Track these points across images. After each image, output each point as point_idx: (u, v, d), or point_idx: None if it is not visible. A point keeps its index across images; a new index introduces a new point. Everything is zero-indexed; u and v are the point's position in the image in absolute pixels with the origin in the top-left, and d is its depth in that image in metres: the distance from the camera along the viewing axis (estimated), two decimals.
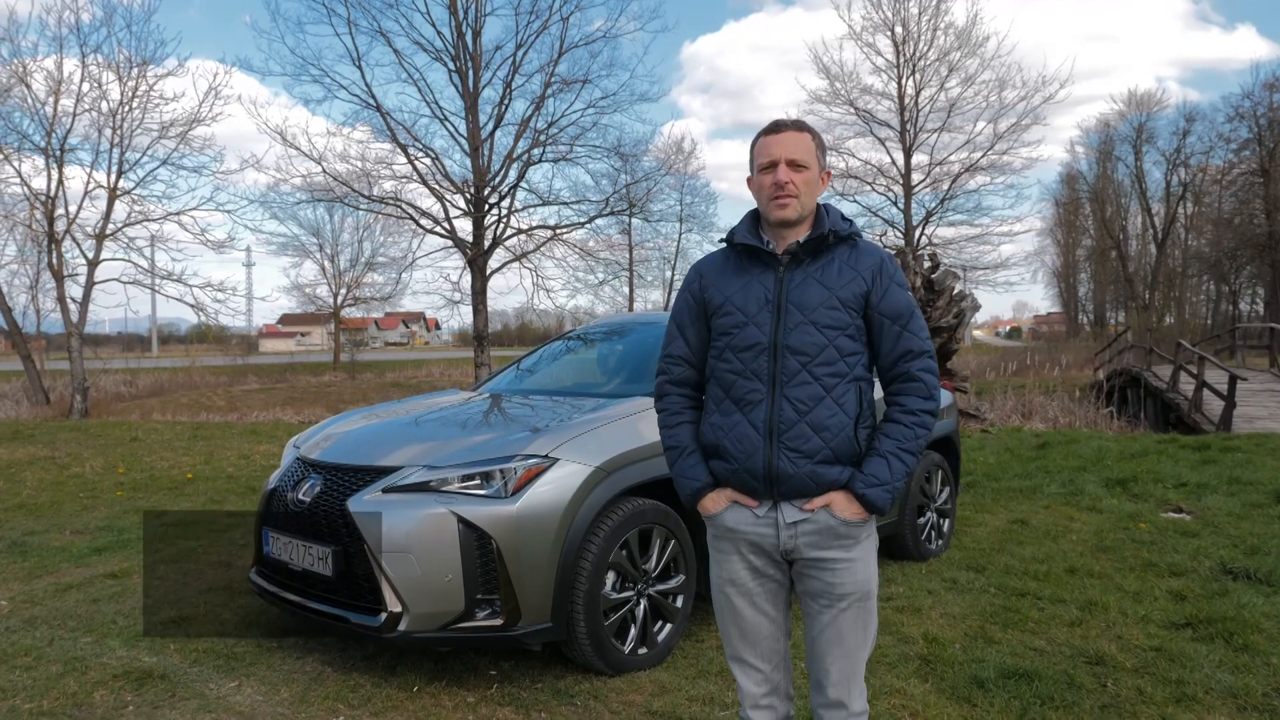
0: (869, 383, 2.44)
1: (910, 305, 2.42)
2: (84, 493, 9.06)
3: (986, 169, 30.27)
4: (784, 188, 2.37)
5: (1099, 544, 6.21)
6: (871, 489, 2.34)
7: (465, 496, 3.68)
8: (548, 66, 22.04)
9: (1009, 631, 4.44)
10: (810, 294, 2.37)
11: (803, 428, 2.32)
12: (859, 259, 2.43)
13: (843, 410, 2.34)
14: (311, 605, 3.89)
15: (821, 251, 2.42)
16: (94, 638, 4.48)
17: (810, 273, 2.40)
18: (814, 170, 2.42)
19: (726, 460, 2.43)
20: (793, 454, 2.33)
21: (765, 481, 2.37)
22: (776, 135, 2.41)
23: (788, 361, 2.34)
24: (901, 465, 2.36)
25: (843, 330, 2.36)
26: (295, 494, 4.05)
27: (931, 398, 2.39)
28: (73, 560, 6.11)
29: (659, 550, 4.10)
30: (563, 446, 3.85)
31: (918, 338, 2.41)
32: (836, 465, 2.35)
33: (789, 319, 2.36)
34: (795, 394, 2.33)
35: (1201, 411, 15.88)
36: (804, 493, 2.36)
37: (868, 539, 2.45)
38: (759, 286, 2.42)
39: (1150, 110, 53.81)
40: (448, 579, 3.57)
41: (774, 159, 2.39)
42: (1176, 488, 8.09)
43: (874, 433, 2.42)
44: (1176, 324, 50.12)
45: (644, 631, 4.03)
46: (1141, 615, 4.63)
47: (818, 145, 2.44)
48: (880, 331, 2.41)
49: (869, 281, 2.39)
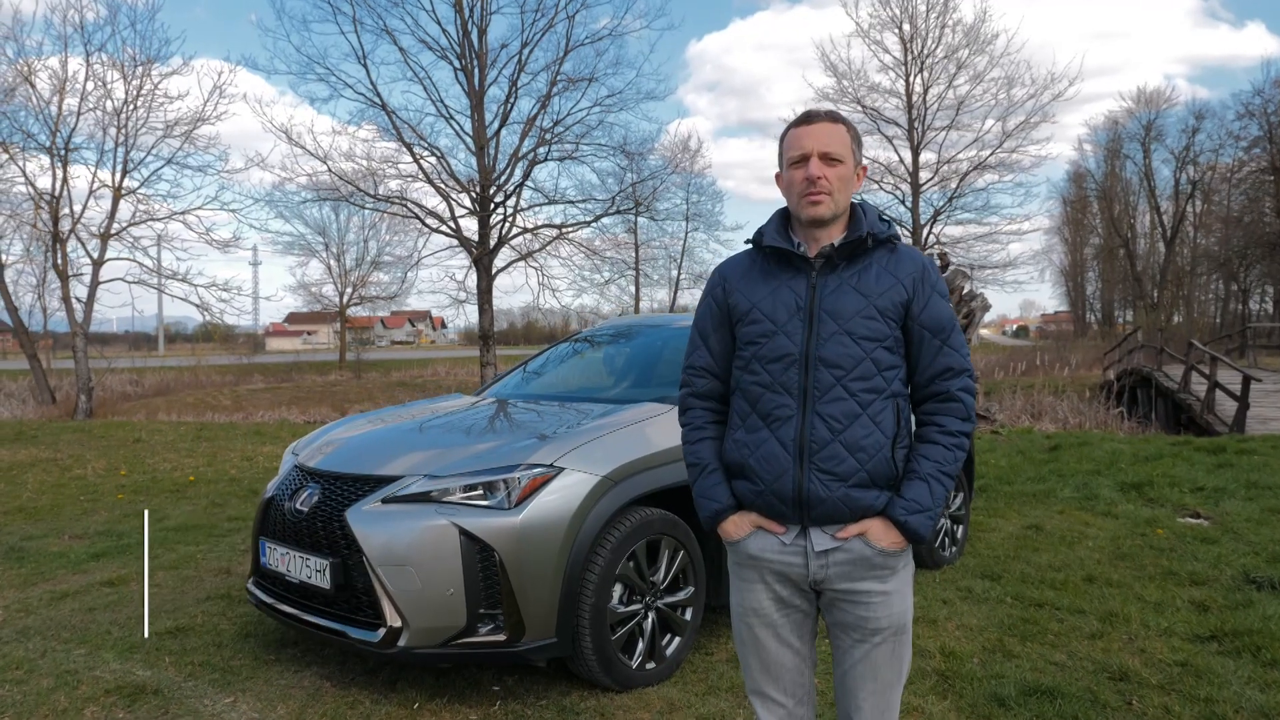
0: (906, 399, 2.25)
1: (952, 318, 2.23)
2: (85, 495, 8.96)
3: (995, 167, 30.13)
4: (816, 183, 2.16)
5: (1116, 551, 6.07)
6: (913, 516, 2.14)
7: (467, 507, 3.55)
8: (553, 64, 21.97)
9: (1028, 644, 4.30)
10: (846, 302, 2.17)
11: (836, 447, 2.13)
12: (899, 264, 2.22)
13: (879, 429, 2.15)
14: (308, 619, 3.76)
15: (858, 255, 2.22)
16: (88, 649, 4.37)
17: (846, 278, 2.20)
18: (849, 165, 2.21)
19: (752, 481, 2.23)
20: (825, 476, 2.13)
21: (794, 505, 2.17)
22: (808, 127, 2.20)
23: (821, 375, 2.15)
24: (942, 490, 2.17)
25: (880, 342, 2.16)
26: (293, 503, 3.93)
27: (970, 419, 2.22)
28: (70, 567, 6.00)
29: (667, 561, 3.97)
30: (568, 455, 3.72)
31: (958, 354, 2.22)
32: (873, 489, 2.16)
33: (822, 328, 2.16)
34: (828, 410, 2.14)
35: (1214, 412, 15.71)
36: (836, 518, 2.17)
37: (905, 569, 2.26)
38: (789, 292, 2.22)
39: (1159, 108, 53.59)
40: (449, 593, 3.45)
41: (805, 152, 2.18)
42: (1193, 492, 7.95)
43: (910, 453, 2.22)
44: (1185, 323, 49.83)
45: (652, 645, 3.91)
46: (1164, 627, 4.50)
47: (853, 137, 2.24)
48: (919, 345, 2.21)
49: (910, 290, 2.19)
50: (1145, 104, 53.98)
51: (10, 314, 23.48)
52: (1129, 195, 58.43)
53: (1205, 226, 53.86)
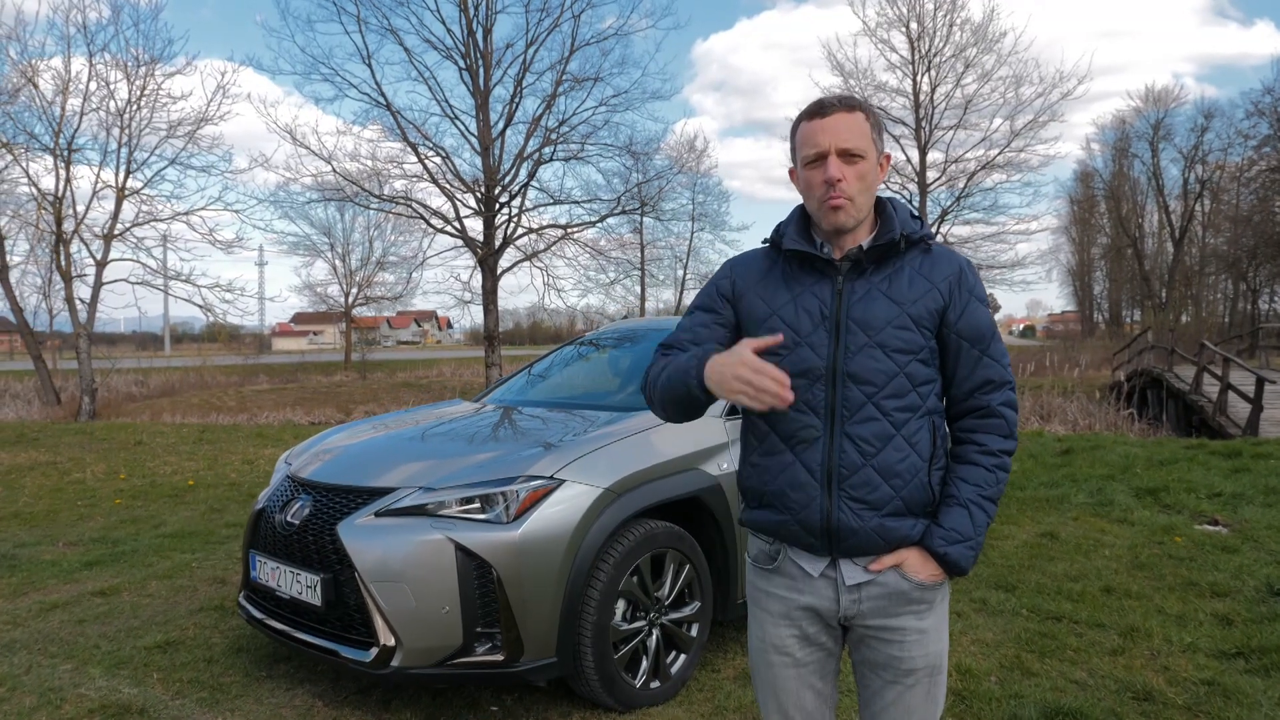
0: (942, 416, 2.04)
1: (992, 326, 2.01)
2: (82, 500, 8.84)
3: (1003, 166, 29.85)
4: (836, 187, 1.92)
5: (1134, 560, 5.90)
6: (954, 546, 1.95)
7: (464, 521, 3.41)
8: (559, 64, 21.83)
9: (1047, 661, 4.15)
10: (876, 310, 1.95)
11: (868, 473, 1.93)
12: (934, 267, 2.00)
13: (915, 451, 1.95)
14: (299, 636, 3.62)
15: (889, 258, 2.00)
16: (74, 665, 4.24)
17: (875, 284, 1.98)
18: (871, 158, 1.96)
19: (775, 509, 2.02)
20: (857, 504, 1.93)
21: (823, 536, 1.97)
22: (822, 120, 1.94)
23: (850, 392, 1.94)
24: (984, 516, 1.97)
25: (915, 354, 1.95)
26: (283, 516, 3.79)
27: (1012, 436, 2.00)
28: (62, 576, 5.87)
29: (673, 576, 3.82)
30: (569, 466, 3.57)
31: (999, 364, 2.00)
32: (909, 517, 1.96)
33: (850, 340, 1.95)
34: (859, 432, 1.93)
35: (1226, 414, 15.50)
36: (869, 550, 1.97)
37: (942, 603, 2.06)
38: (812, 299, 1.99)
39: (1168, 107, 53.32)
40: (445, 611, 3.30)
41: (821, 150, 1.93)
42: (1210, 498, 7.77)
43: (946, 475, 2.02)
44: (1193, 323, 49.54)
45: (656, 663, 3.76)
46: (1188, 643, 4.33)
47: (873, 124, 1.98)
48: (956, 356, 2.00)
49: (946, 295, 1.98)
50: (1153, 103, 53.75)
51: (15, 314, 23.40)
52: (1137, 195, 58.16)
53: (1214, 226, 53.58)
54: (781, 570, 2.07)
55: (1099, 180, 60.06)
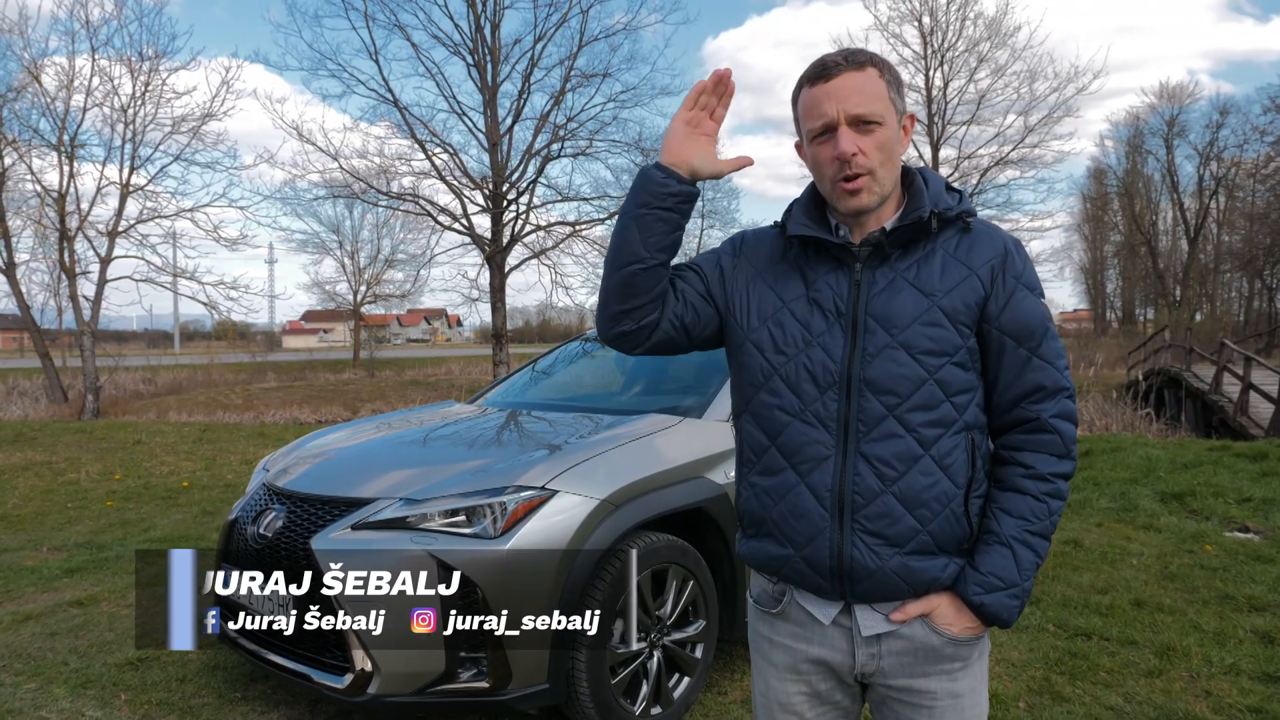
0: (983, 431, 1.68)
1: (1043, 319, 1.65)
2: (73, 502, 8.61)
3: (1016, 163, 29.55)
4: (851, 163, 1.58)
5: (1164, 570, 5.60)
6: (992, 595, 1.61)
7: (447, 535, 3.14)
8: (567, 60, 21.61)
9: (1079, 684, 3.86)
10: (901, 303, 1.61)
11: (888, 501, 1.59)
12: (972, 249, 1.65)
13: (947, 475, 1.61)
14: (270, 658, 3.36)
15: (918, 241, 1.66)
16: (39, 683, 3.98)
17: (900, 271, 1.64)
18: (891, 123, 1.61)
19: (776, 542, 1.70)
20: (874, 540, 1.60)
21: (833, 577, 1.64)
22: (827, 84, 1.60)
23: (868, 403, 1.60)
24: (1032, 557, 1.62)
25: (949, 357, 1.61)
26: (256, 527, 3.53)
27: (1068, 456, 1.65)
28: (41, 584, 5.62)
29: (675, 593, 3.54)
30: (563, 476, 3.29)
31: (1053, 367, 1.64)
32: (939, 556, 1.63)
33: (869, 340, 1.62)
34: (878, 451, 1.60)
35: (1248, 415, 15.15)
36: (890, 595, 1.64)
37: (980, 660, 1.72)
38: (826, 290, 1.67)
39: (1182, 103, 52.70)
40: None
41: (829, 120, 1.59)
42: (1239, 503, 7.45)
43: (985, 505, 1.68)
44: (1208, 321, 49.05)
45: (658, 688, 3.48)
46: (1229, 664, 4.04)
47: (889, 81, 1.63)
48: (999, 356, 1.64)
49: (987, 283, 1.62)
50: (1168, 99, 53.15)
51: (22, 311, 23.24)
52: (1151, 191, 57.57)
53: (1229, 223, 53.09)
54: (787, 615, 1.75)
55: (1112, 177, 59.48)
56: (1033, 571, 1.63)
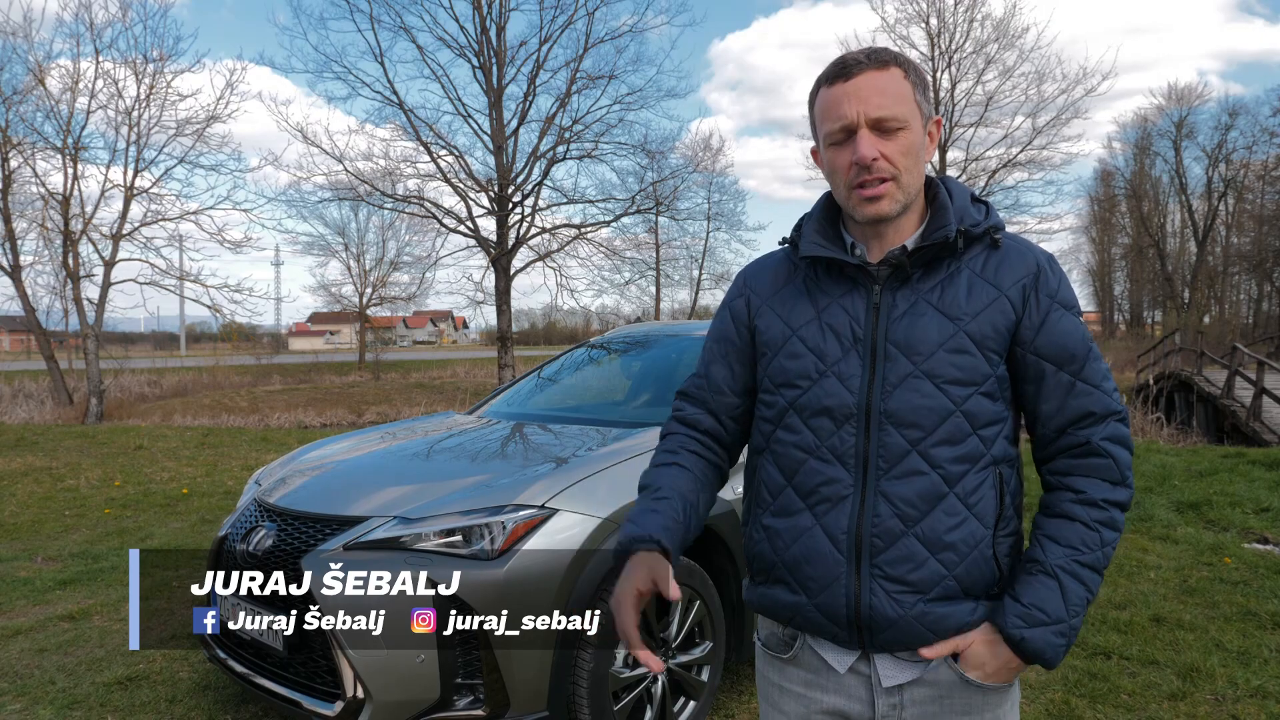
0: (1013, 465, 1.55)
1: (1084, 340, 1.52)
2: (71, 509, 8.49)
3: (1025, 165, 29.40)
4: (872, 168, 1.46)
5: (1183, 584, 5.45)
6: (1035, 630, 1.45)
7: (443, 556, 3.00)
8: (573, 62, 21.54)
9: (1099, 708, 3.72)
10: (924, 329, 1.49)
11: (911, 544, 1.47)
12: (1001, 268, 1.52)
13: (974, 515, 1.48)
14: (260, 682, 3.23)
15: (942, 260, 1.54)
16: (24, 703, 3.86)
17: (923, 294, 1.51)
18: (916, 127, 1.49)
19: (788, 588, 1.56)
20: (894, 586, 1.47)
21: (849, 627, 1.51)
22: (846, 83, 1.48)
23: (890, 437, 1.48)
24: (1082, 591, 1.47)
25: (977, 386, 1.49)
26: (245, 546, 3.40)
27: (1124, 484, 1.51)
28: (33, 596, 5.51)
29: (681, 614, 3.41)
30: (563, 494, 3.16)
31: (1100, 390, 1.51)
32: (964, 600, 1.49)
33: (891, 370, 1.49)
34: (899, 491, 1.47)
35: (1261, 420, 14.97)
36: (914, 644, 1.50)
37: (1012, 710, 1.58)
38: (841, 314, 1.55)
39: (1191, 104, 52.42)
40: (419, 660, 2.90)
41: (848, 123, 1.47)
42: (1257, 513, 7.29)
43: (1020, 543, 1.56)
44: (1217, 324, 48.76)
45: (663, 713, 3.35)
46: (1255, 686, 3.89)
47: (914, 82, 1.50)
48: (1039, 383, 1.52)
49: (1019, 305, 1.50)
50: (1176, 100, 52.89)
51: (27, 314, 23.19)
52: (1159, 194, 57.29)
53: (1238, 225, 52.79)
54: (799, 661, 1.61)
55: (1120, 179, 59.20)
56: (1082, 608, 1.48)
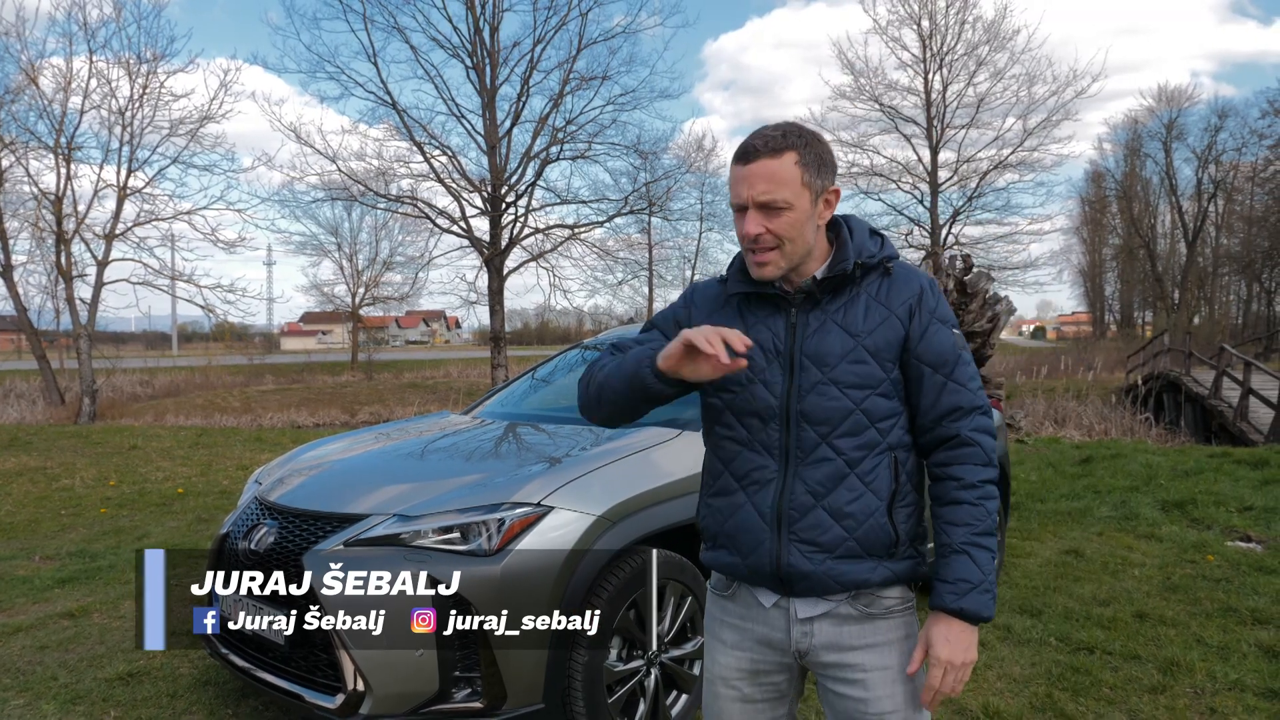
0: (908, 449, 1.90)
1: (956, 347, 1.87)
2: (67, 509, 8.55)
3: (1016, 166, 29.58)
4: (758, 240, 1.80)
5: (1166, 581, 5.56)
6: (967, 598, 1.79)
7: (441, 553, 3.08)
8: (566, 62, 21.63)
9: (1081, 701, 3.81)
10: (829, 343, 1.84)
11: (819, 514, 1.83)
12: (892, 292, 1.87)
13: (870, 490, 1.83)
14: (261, 675, 3.30)
15: (845, 286, 1.88)
16: (27, 699, 3.93)
17: (830, 314, 1.86)
18: (800, 207, 1.79)
19: (728, 551, 1.95)
20: (806, 547, 1.84)
21: (774, 580, 1.88)
22: (745, 167, 1.79)
23: (804, 433, 1.83)
24: (987, 554, 1.82)
25: (873, 389, 1.83)
26: (247, 543, 3.47)
27: (991, 464, 1.86)
28: (32, 594, 5.57)
29: (673, 609, 3.49)
30: (559, 492, 3.24)
31: (966, 389, 1.86)
32: (865, 559, 1.84)
33: (804, 377, 1.84)
34: (811, 474, 1.83)
35: (1248, 420, 15.11)
36: (823, 593, 1.87)
37: (906, 640, 1.91)
38: (766, 331, 1.89)
39: (1181, 106, 52.57)
40: (419, 654, 2.98)
41: (741, 202, 1.81)
42: (1240, 512, 7.41)
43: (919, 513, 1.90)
44: (1206, 324, 49.00)
45: (655, 706, 3.43)
46: (1233, 679, 3.99)
47: (805, 165, 1.79)
48: (919, 383, 1.87)
49: (905, 321, 1.85)
50: (1166, 102, 53.03)
51: (19, 313, 23.17)
52: (1149, 195, 57.46)
53: (1228, 226, 53.05)
54: (736, 599, 2.00)
55: (1111, 180, 59.37)
56: (991, 566, 1.82)
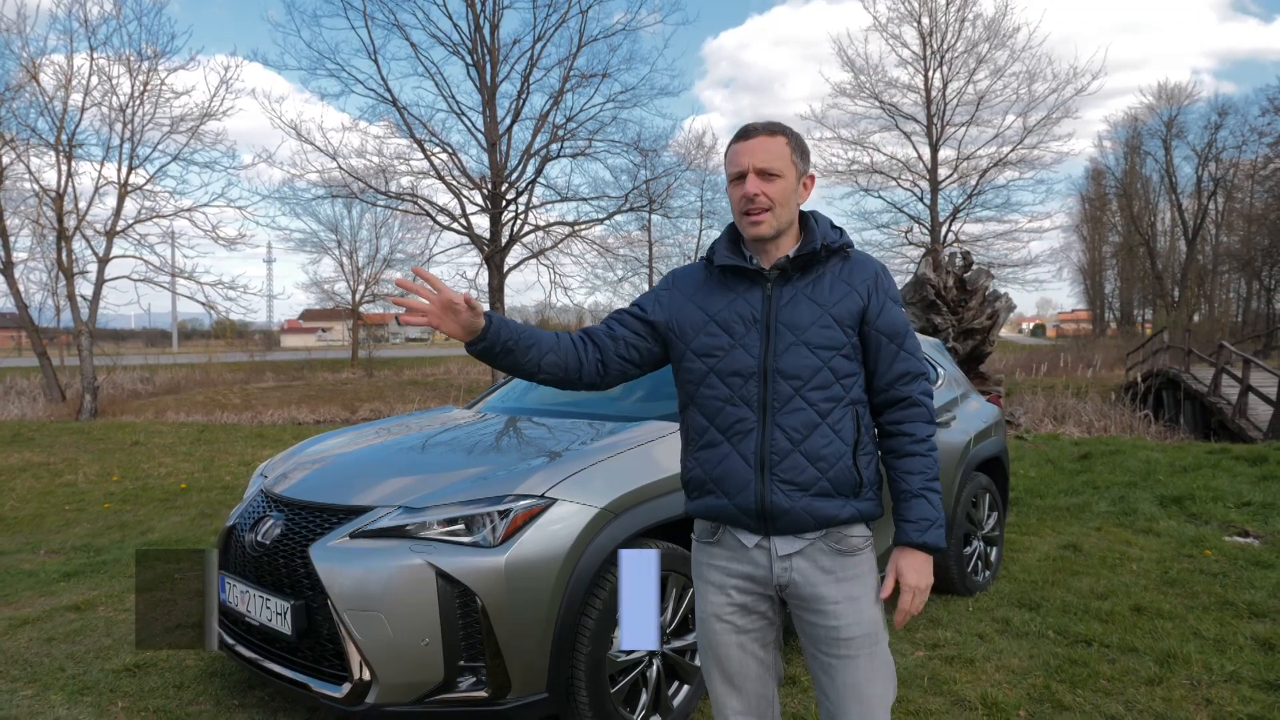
0: (865, 406, 2.23)
1: (906, 323, 2.25)
2: (70, 504, 8.59)
3: (1015, 164, 29.61)
4: (754, 200, 2.13)
5: (1164, 575, 5.60)
6: (928, 533, 2.15)
7: (446, 544, 3.12)
8: (566, 60, 21.66)
9: (1079, 692, 3.85)
10: (801, 312, 2.17)
11: (796, 458, 2.12)
12: (852, 272, 2.23)
13: (839, 437, 2.14)
14: (268, 666, 3.34)
15: (812, 266, 2.22)
16: (35, 690, 3.96)
17: (801, 289, 2.19)
18: (790, 178, 2.17)
19: (715, 496, 2.21)
20: (786, 486, 2.13)
21: (758, 517, 2.16)
22: (745, 142, 2.16)
23: (779, 386, 2.14)
24: (938, 497, 2.20)
25: (838, 350, 2.16)
26: (254, 535, 3.51)
27: (933, 421, 2.24)
28: (38, 588, 5.61)
29: (675, 600, 3.53)
30: (562, 484, 3.28)
31: (915, 358, 2.23)
32: (836, 497, 2.15)
33: (779, 340, 2.16)
34: (788, 421, 2.13)
35: (1246, 417, 15.15)
36: (800, 528, 2.16)
37: (870, 573, 2.23)
38: (745, 304, 2.22)
39: (1181, 104, 52.60)
40: (424, 643, 3.01)
41: (741, 169, 2.15)
42: (1239, 507, 7.45)
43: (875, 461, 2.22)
44: (1206, 322, 49.01)
45: (657, 696, 3.47)
46: (1229, 671, 4.03)
47: (794, 148, 2.18)
48: (877, 351, 2.21)
49: (865, 297, 2.20)
50: (1167, 100, 53.06)
51: (20, 310, 23.21)
52: (1149, 192, 57.46)
53: (1228, 224, 53.06)
54: (721, 543, 2.25)
55: (1111, 178, 59.40)
56: (940, 507, 2.19)
